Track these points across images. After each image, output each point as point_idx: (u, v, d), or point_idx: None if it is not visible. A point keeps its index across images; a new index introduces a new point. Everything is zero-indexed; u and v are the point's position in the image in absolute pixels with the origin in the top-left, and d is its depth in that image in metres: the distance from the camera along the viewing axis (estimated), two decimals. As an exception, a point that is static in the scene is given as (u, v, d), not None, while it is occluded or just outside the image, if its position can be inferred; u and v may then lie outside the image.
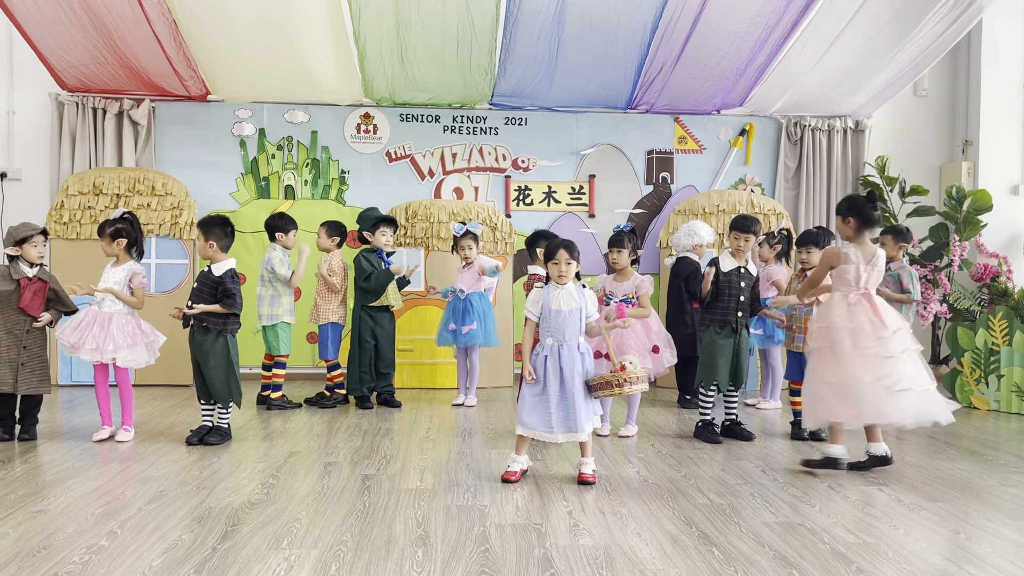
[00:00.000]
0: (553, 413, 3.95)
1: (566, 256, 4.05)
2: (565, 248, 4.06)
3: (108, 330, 4.79)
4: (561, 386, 3.97)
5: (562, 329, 4.01)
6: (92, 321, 4.80)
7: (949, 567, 2.93)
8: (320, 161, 7.49)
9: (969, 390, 6.52)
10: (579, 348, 4.03)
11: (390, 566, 2.87)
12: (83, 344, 4.74)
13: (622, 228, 5.28)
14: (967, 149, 7.77)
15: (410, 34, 6.43)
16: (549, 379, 3.99)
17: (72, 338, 4.75)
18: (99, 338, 4.76)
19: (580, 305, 4.04)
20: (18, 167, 7.28)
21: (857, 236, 4.31)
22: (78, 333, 4.76)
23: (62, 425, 5.35)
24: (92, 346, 4.74)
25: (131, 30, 6.30)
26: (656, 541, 3.18)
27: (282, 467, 4.28)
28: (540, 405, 4.00)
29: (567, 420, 3.95)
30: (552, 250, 4.09)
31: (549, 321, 4.04)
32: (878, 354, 4.10)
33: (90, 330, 4.77)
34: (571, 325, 4.01)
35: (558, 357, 4.00)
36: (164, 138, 7.34)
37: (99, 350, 4.75)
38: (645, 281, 5.10)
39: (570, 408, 3.95)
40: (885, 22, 6.53)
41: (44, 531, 3.21)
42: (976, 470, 4.40)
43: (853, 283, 4.24)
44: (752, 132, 7.77)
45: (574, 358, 3.99)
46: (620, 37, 6.52)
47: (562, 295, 4.04)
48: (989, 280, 7.15)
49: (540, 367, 4.02)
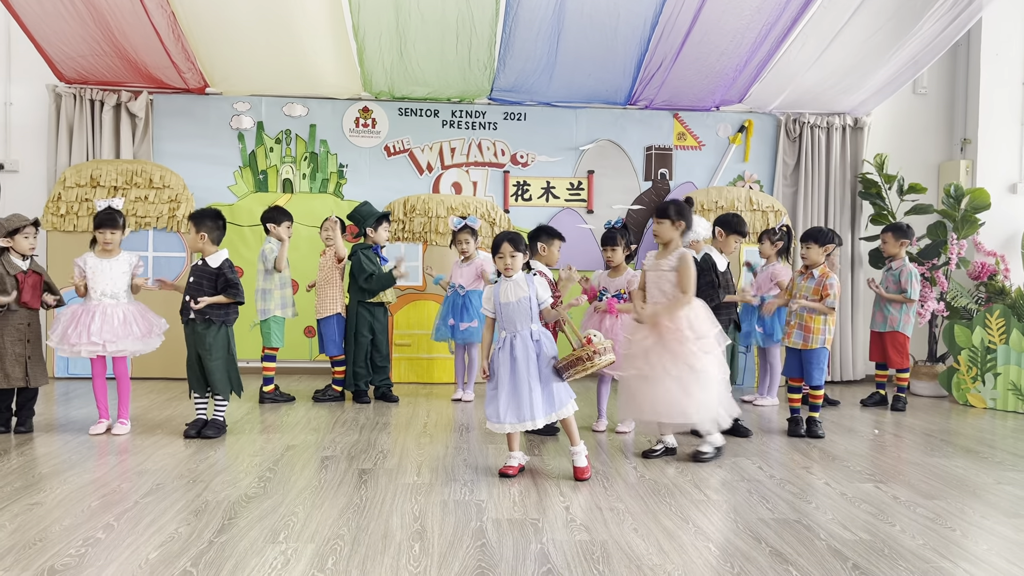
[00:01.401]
0: (501, 403, 3.98)
1: (510, 249, 4.06)
2: (509, 241, 4.08)
3: (116, 323, 4.79)
4: (512, 376, 3.98)
5: (512, 320, 4.03)
6: (91, 316, 4.78)
7: (945, 564, 2.94)
8: (318, 155, 7.47)
9: (965, 388, 6.53)
10: (532, 336, 4.03)
11: (387, 560, 2.87)
12: (84, 340, 4.72)
13: (613, 224, 5.28)
14: (966, 147, 7.77)
15: (409, 28, 6.41)
16: (500, 371, 4.01)
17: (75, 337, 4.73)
18: (109, 332, 4.75)
19: (528, 294, 4.04)
20: (15, 159, 7.26)
21: (682, 239, 4.45)
22: (76, 331, 4.74)
23: (58, 418, 5.34)
24: (98, 340, 4.73)
25: (129, 22, 6.27)
26: (653, 537, 3.18)
27: (279, 461, 4.28)
28: (494, 397, 4.03)
29: (518, 409, 3.96)
30: (496, 243, 4.11)
31: (501, 314, 4.08)
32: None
33: (88, 325, 4.75)
34: (520, 315, 4.02)
35: (510, 348, 4.01)
36: (162, 130, 7.32)
37: (103, 344, 4.74)
38: (637, 277, 5.12)
39: (522, 397, 3.94)
40: (885, 19, 6.52)
41: (40, 523, 3.21)
42: (972, 468, 4.41)
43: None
44: (751, 129, 7.77)
45: (527, 347, 3.99)
46: (620, 33, 6.51)
47: (510, 287, 4.06)
48: (986, 278, 7.15)
49: (495, 360, 4.06)
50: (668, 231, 4.39)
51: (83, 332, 4.72)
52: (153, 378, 6.88)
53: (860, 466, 4.40)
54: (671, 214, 4.39)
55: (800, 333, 5.12)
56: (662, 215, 4.42)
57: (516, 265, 4.09)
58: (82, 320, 4.76)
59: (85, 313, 4.78)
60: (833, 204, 7.70)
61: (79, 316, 4.78)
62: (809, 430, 5.14)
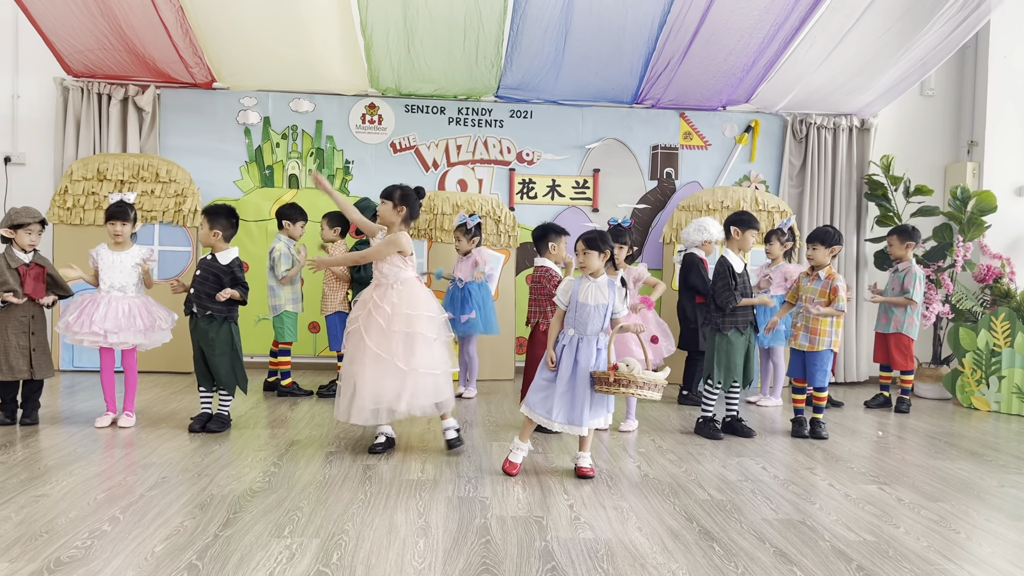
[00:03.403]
0: (556, 401, 3.95)
1: (583, 247, 4.01)
2: (583, 240, 4.01)
3: (120, 314, 4.81)
4: (572, 377, 3.96)
5: (585, 323, 3.99)
6: (96, 306, 4.81)
7: (950, 567, 2.94)
8: (324, 151, 7.48)
9: (970, 391, 6.52)
10: (597, 344, 4.00)
11: (391, 556, 2.88)
12: (85, 329, 4.75)
13: (620, 223, 5.28)
14: (972, 150, 7.76)
15: (417, 25, 6.42)
16: (562, 368, 3.98)
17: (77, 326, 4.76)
18: (112, 322, 4.77)
19: (608, 302, 3.99)
20: (22, 152, 7.27)
21: (404, 225, 4.38)
22: (79, 320, 4.77)
23: (64, 410, 5.35)
24: (99, 330, 4.75)
25: (138, 16, 6.29)
26: (657, 536, 3.18)
27: (284, 455, 4.29)
28: (547, 390, 4.00)
29: (569, 410, 3.95)
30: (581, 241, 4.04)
31: (575, 313, 4.02)
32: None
33: (91, 315, 4.77)
34: (594, 320, 3.98)
35: (575, 349, 3.98)
36: (169, 125, 7.33)
37: (104, 335, 4.76)
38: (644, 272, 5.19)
39: (576, 400, 3.94)
40: (894, 21, 6.52)
41: (46, 515, 3.22)
42: (976, 471, 4.41)
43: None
44: (757, 129, 7.76)
45: (591, 353, 3.97)
46: (627, 31, 6.51)
47: (591, 288, 4.00)
48: (992, 281, 7.14)
49: (557, 355, 4.02)
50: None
51: (87, 321, 4.75)
52: (158, 372, 6.89)
53: (864, 468, 4.40)
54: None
55: (806, 335, 5.11)
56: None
57: (591, 264, 4.00)
58: (87, 309, 4.80)
59: (91, 303, 4.82)
60: (839, 205, 7.70)
61: (85, 305, 4.82)
62: (813, 431, 5.14)
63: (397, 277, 4.29)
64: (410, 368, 4.16)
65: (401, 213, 4.34)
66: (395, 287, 4.26)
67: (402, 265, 4.30)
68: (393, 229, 4.36)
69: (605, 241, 4.03)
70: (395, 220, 4.35)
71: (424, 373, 4.20)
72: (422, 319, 4.22)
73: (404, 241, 4.29)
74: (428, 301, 4.32)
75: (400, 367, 4.15)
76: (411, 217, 4.39)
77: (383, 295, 4.25)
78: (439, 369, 4.27)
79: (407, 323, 4.19)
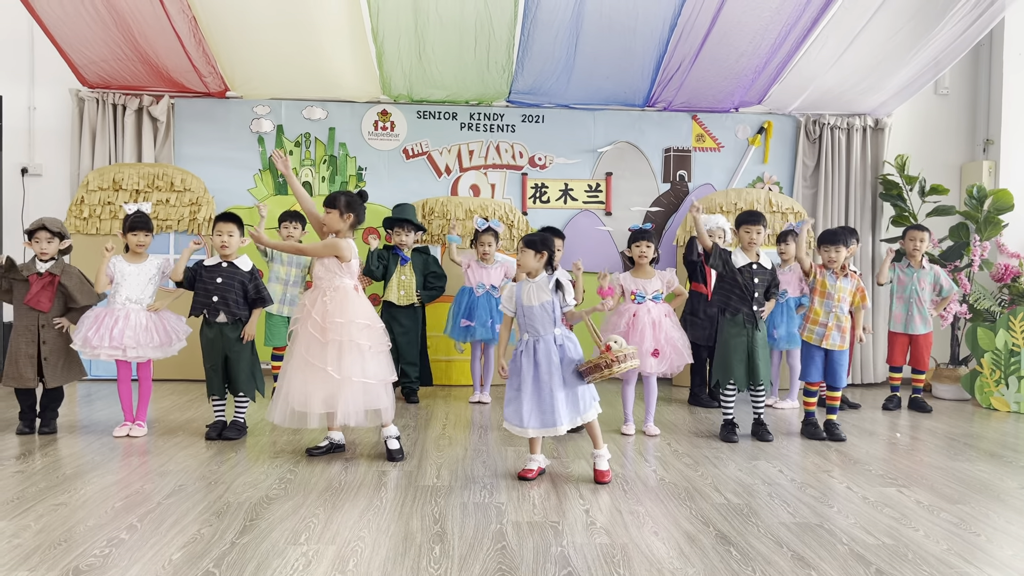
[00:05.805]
0: (525, 408, 3.96)
1: (523, 247, 4.07)
2: (525, 243, 4.06)
3: (139, 328, 4.82)
4: (535, 381, 3.97)
5: (534, 324, 4.01)
6: (115, 320, 4.82)
7: (970, 570, 2.91)
8: (337, 158, 7.51)
9: (988, 391, 6.46)
10: (556, 341, 4.00)
11: (407, 562, 2.88)
12: (104, 344, 4.75)
13: (642, 227, 5.28)
14: (988, 148, 7.69)
15: (428, 31, 6.44)
16: (524, 375, 3.99)
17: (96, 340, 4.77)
18: (131, 337, 4.79)
19: (551, 298, 4.02)
20: (39, 162, 7.35)
21: (350, 232, 4.40)
22: (98, 334, 4.78)
23: (81, 419, 5.39)
24: (119, 344, 4.77)
25: (151, 26, 6.33)
26: (673, 540, 3.17)
27: (299, 462, 4.30)
28: (515, 400, 4.02)
29: (541, 415, 3.96)
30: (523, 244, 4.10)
31: (522, 317, 4.05)
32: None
33: (110, 328, 4.78)
34: (543, 320, 4.00)
35: (533, 352, 3.99)
36: (183, 134, 7.39)
37: (123, 350, 4.78)
38: (673, 278, 5.17)
39: (545, 403, 3.94)
40: (906, 20, 6.48)
41: (65, 524, 3.24)
42: (996, 472, 4.36)
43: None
44: (770, 130, 7.73)
45: (550, 352, 3.97)
46: (638, 34, 6.50)
47: (532, 289, 4.04)
48: (1010, 281, 7.08)
49: (517, 363, 4.03)
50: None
51: (105, 335, 4.76)
52: (172, 380, 6.93)
53: (882, 470, 4.36)
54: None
55: (838, 334, 5.08)
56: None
57: (527, 263, 4.06)
58: (105, 323, 4.80)
59: (108, 316, 4.82)
60: (853, 206, 7.65)
61: (102, 319, 4.81)
62: (830, 432, 5.11)
63: (331, 283, 4.29)
64: (342, 376, 4.16)
65: (348, 220, 4.37)
66: (328, 294, 4.27)
67: (338, 271, 4.31)
68: (341, 236, 4.38)
69: (544, 242, 4.07)
70: (342, 227, 4.37)
71: (356, 382, 4.19)
72: (354, 327, 4.22)
73: (344, 246, 4.30)
74: (362, 309, 4.31)
75: (332, 375, 4.16)
76: (357, 222, 4.43)
77: (314, 301, 4.29)
78: (373, 378, 4.25)
79: (337, 331, 4.19)
